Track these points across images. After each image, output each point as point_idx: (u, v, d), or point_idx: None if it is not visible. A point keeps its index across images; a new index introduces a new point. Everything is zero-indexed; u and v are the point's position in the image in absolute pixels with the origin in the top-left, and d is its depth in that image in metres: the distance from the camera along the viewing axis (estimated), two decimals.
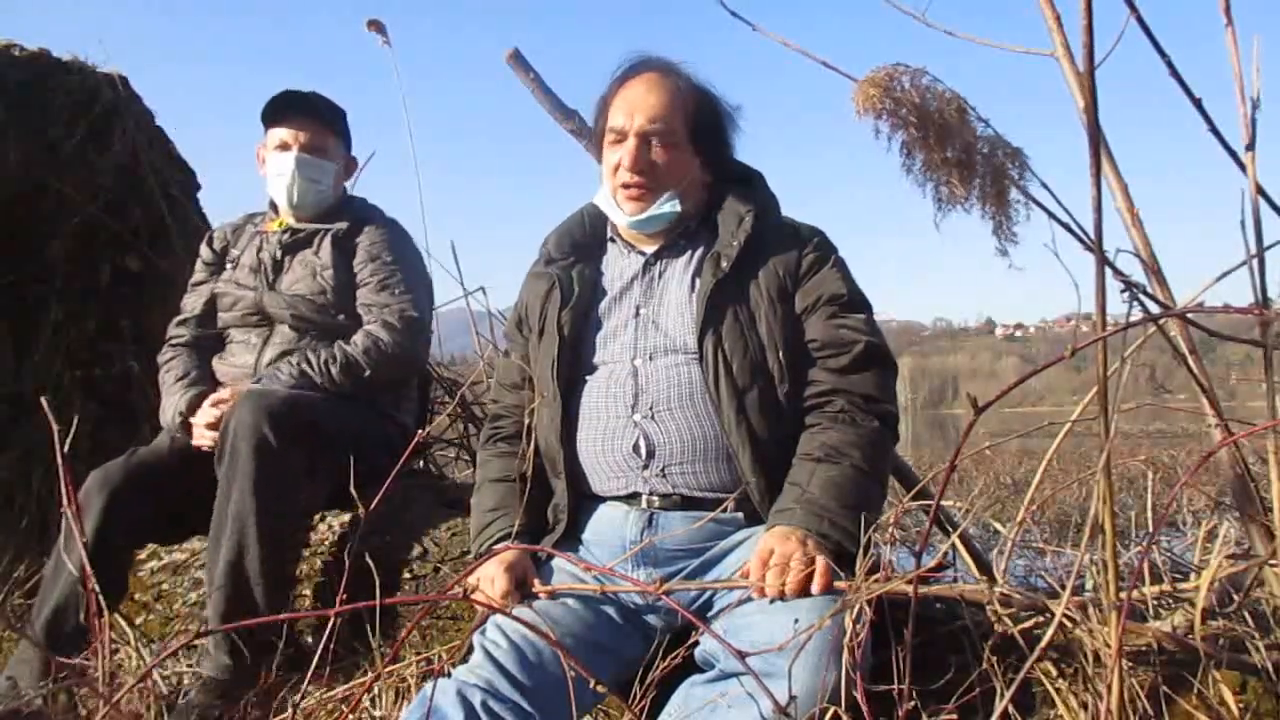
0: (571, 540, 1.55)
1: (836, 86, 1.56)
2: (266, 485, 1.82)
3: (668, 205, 1.55)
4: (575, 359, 1.58)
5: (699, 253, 1.59)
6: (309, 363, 2.09)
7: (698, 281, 1.54)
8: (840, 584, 1.27)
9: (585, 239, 1.67)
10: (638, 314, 1.57)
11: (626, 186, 1.55)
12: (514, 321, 1.74)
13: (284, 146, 2.24)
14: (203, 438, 2.05)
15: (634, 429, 1.50)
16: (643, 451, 1.49)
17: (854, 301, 1.53)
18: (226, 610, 1.79)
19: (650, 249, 1.62)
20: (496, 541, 1.54)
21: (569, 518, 1.54)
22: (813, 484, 1.39)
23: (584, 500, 1.57)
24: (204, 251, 2.41)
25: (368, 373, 2.11)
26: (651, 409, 1.50)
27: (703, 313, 1.49)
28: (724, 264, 1.51)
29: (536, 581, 1.46)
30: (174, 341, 2.33)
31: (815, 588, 1.26)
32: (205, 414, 2.07)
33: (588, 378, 1.57)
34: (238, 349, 2.25)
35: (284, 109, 2.24)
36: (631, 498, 1.51)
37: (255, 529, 1.79)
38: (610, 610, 1.45)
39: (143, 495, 1.97)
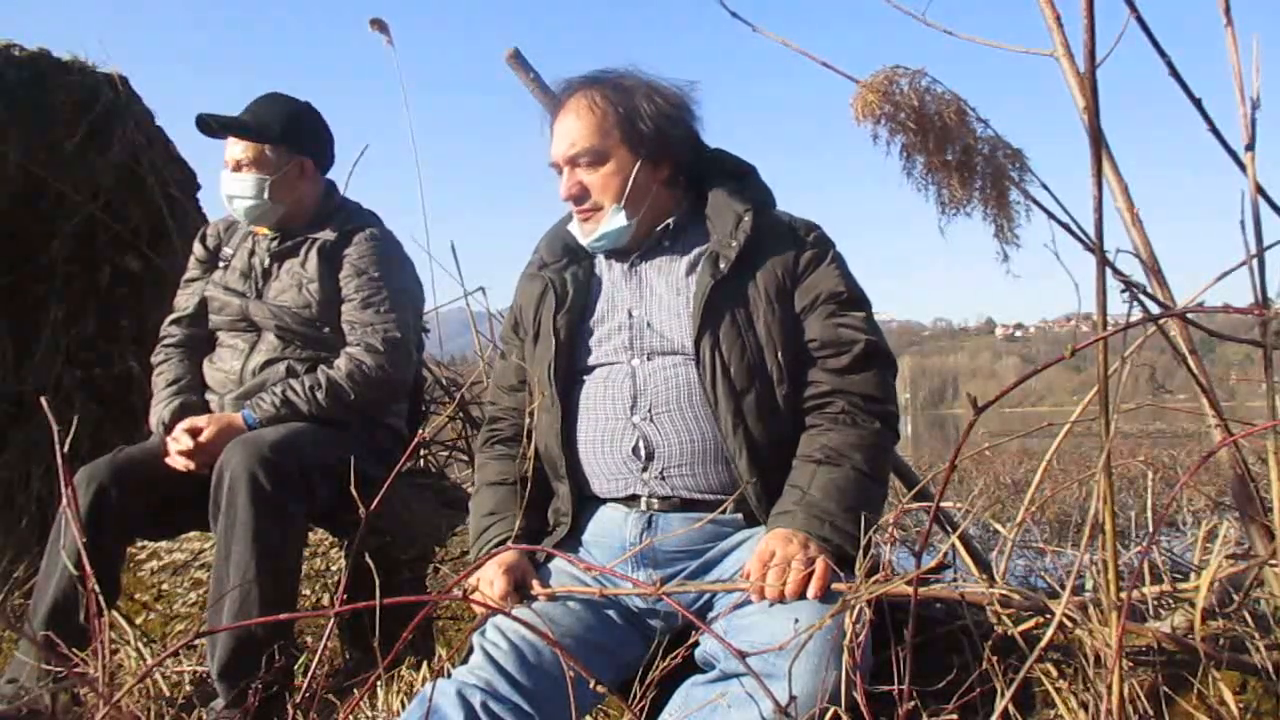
0: (571, 541, 1.55)
1: (836, 85, 1.56)
2: (266, 534, 1.82)
3: (614, 221, 1.55)
4: (572, 361, 1.58)
5: (689, 252, 1.58)
6: (294, 390, 2.08)
7: (693, 282, 1.54)
8: (840, 585, 1.27)
9: (577, 242, 1.66)
10: (631, 316, 1.57)
11: (576, 213, 1.59)
12: (509, 324, 1.74)
13: (229, 165, 2.22)
14: (175, 461, 2.04)
15: (633, 431, 1.49)
16: (642, 454, 1.49)
17: (853, 299, 1.52)
18: (231, 660, 1.79)
19: (634, 252, 1.61)
20: (495, 545, 1.54)
21: (570, 520, 1.54)
22: (814, 486, 1.39)
23: (584, 501, 1.57)
24: (197, 249, 2.39)
25: (352, 397, 2.10)
26: (650, 411, 1.49)
27: (700, 314, 1.48)
28: (722, 265, 1.50)
29: (536, 583, 1.46)
30: (166, 342, 2.32)
31: (812, 591, 1.26)
32: (181, 441, 2.03)
33: (585, 378, 1.57)
34: (225, 354, 2.24)
35: (206, 123, 2.20)
36: (631, 499, 1.51)
37: (257, 581, 1.79)
38: (610, 611, 1.45)
39: (130, 492, 1.96)
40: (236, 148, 2.20)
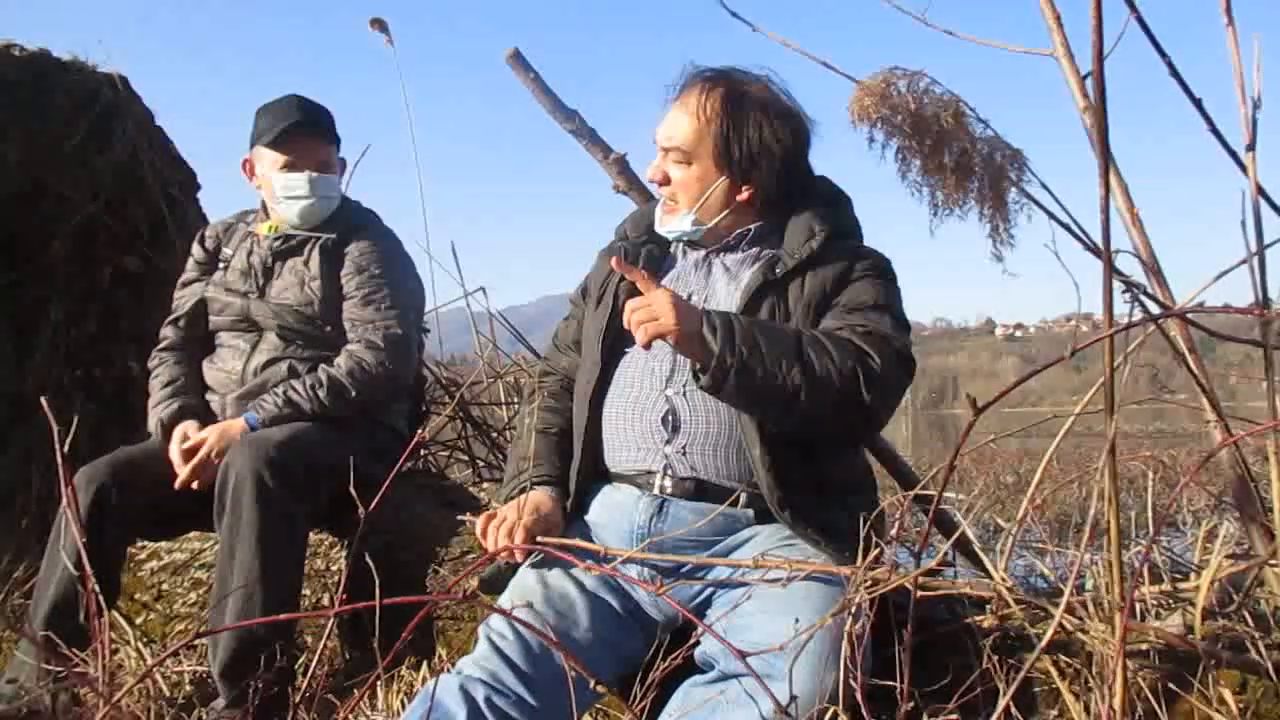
0: (581, 523, 1.56)
1: (835, 86, 1.56)
2: (271, 534, 1.82)
3: (682, 223, 1.59)
4: (623, 330, 1.57)
5: (762, 256, 1.58)
6: (295, 390, 2.07)
7: (746, 277, 1.55)
8: (841, 569, 1.26)
9: None
10: (689, 298, 1.57)
11: (659, 196, 1.64)
12: (579, 290, 1.79)
13: (292, 166, 2.17)
14: (180, 469, 2.01)
15: (665, 402, 1.51)
16: (669, 425, 1.50)
17: (888, 310, 1.50)
18: (233, 660, 1.79)
19: (709, 246, 1.63)
20: (521, 492, 1.57)
21: (579, 493, 1.57)
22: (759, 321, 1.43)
23: (596, 479, 1.58)
24: (195, 250, 2.39)
25: (354, 394, 2.10)
26: (684, 386, 1.51)
27: (741, 307, 1.50)
28: (778, 270, 1.52)
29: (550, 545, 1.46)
30: (162, 345, 2.31)
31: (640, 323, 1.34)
32: (178, 455, 2.02)
33: (627, 349, 1.59)
34: (226, 354, 2.24)
35: (291, 132, 2.16)
36: (646, 476, 1.51)
37: (261, 582, 1.79)
38: (613, 603, 1.45)
39: (130, 493, 1.96)
40: (319, 150, 2.20)
